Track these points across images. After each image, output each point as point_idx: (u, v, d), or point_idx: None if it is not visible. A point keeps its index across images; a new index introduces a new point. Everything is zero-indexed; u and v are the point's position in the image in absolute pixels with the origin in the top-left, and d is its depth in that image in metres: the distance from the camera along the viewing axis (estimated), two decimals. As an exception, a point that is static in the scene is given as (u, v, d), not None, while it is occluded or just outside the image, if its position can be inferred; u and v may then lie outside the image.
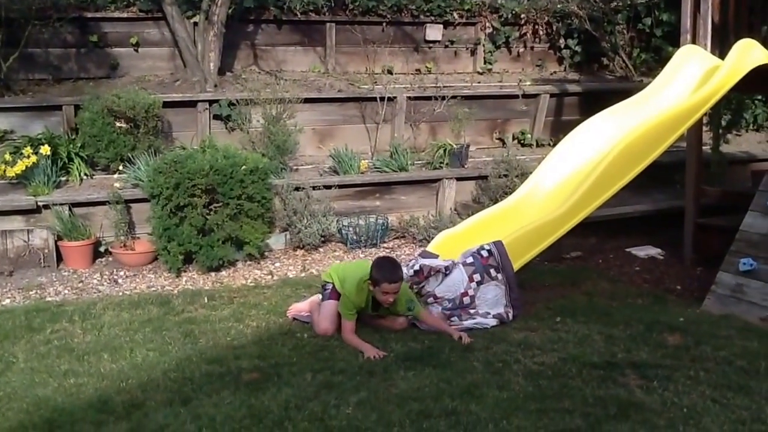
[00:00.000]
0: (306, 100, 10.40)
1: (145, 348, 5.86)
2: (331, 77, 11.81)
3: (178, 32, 10.75)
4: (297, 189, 8.95)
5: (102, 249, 8.45)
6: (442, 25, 12.76)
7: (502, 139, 11.84)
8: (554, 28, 13.44)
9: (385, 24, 12.39)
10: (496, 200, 8.90)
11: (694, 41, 8.30)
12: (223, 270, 8.09)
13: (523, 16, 13.16)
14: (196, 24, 10.94)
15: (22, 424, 4.65)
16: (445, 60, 12.96)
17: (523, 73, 13.14)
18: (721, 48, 8.15)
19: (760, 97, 12.36)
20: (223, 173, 7.88)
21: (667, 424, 4.51)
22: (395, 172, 9.89)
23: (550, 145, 11.30)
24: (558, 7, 13.17)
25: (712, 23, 8.22)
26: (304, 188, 8.98)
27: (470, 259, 6.62)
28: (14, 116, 9.53)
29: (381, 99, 10.80)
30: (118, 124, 9.02)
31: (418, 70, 12.70)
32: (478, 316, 6.38)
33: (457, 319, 6.35)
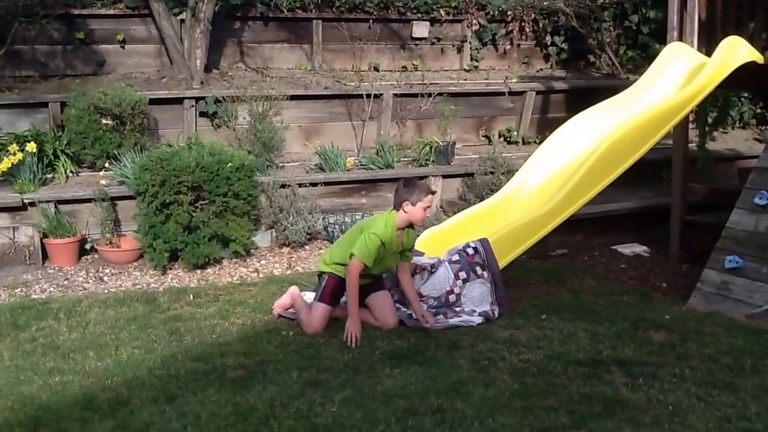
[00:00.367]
0: (292, 98, 10.41)
1: (131, 346, 5.85)
2: (317, 74, 11.80)
3: (164, 29, 10.73)
4: (283, 186, 8.94)
5: (88, 246, 8.42)
6: (428, 22, 12.76)
7: (488, 137, 11.85)
8: (541, 26, 13.45)
9: (371, 21, 12.40)
10: (482, 198, 8.91)
11: (681, 38, 8.31)
12: (209, 267, 8.08)
13: (509, 13, 13.16)
14: (182, 21, 10.92)
15: (7, 422, 4.64)
16: (431, 57, 12.96)
17: (510, 71, 13.14)
18: (707, 45, 8.16)
19: (746, 95, 12.39)
20: (209, 170, 7.86)
21: (653, 421, 4.51)
22: (381, 169, 9.90)
23: (536, 142, 11.30)
24: (545, 4, 13.18)
25: (699, 20, 8.23)
26: (290, 185, 8.97)
27: (456, 257, 6.62)
28: (0, 113, 9.47)
29: (367, 96, 10.80)
30: (104, 122, 9.00)
31: (405, 68, 12.70)
32: (464, 314, 6.38)
33: (443, 317, 6.35)
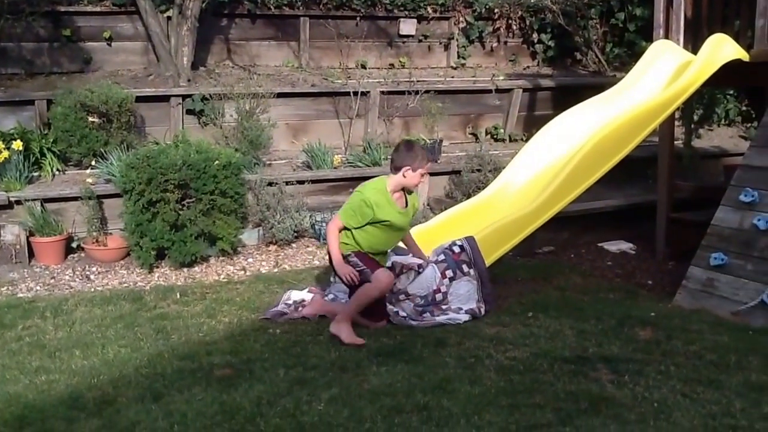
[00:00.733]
0: (279, 95, 10.42)
1: (117, 344, 5.85)
2: (304, 72, 11.80)
3: (151, 26, 10.70)
4: (270, 184, 8.93)
5: (74, 245, 8.39)
6: (415, 20, 12.80)
7: (475, 134, 11.87)
8: (527, 23, 13.51)
9: (359, 18, 12.41)
10: (469, 195, 8.92)
11: (667, 36, 8.33)
12: (196, 266, 8.06)
13: (496, 10, 13.22)
14: (169, 18, 10.91)
15: (-7, 421, 4.63)
16: (418, 54, 12.99)
17: (497, 68, 13.17)
18: (693, 42, 8.19)
19: (732, 92, 12.45)
20: (196, 168, 7.84)
21: (638, 418, 4.53)
22: (368, 167, 9.88)
23: (523, 139, 11.35)
24: (531, 1, 13.24)
25: (685, 18, 8.25)
26: (277, 183, 8.96)
27: (442, 256, 6.61)
28: (-14, 111, 9.46)
29: (354, 94, 10.80)
30: (90, 119, 8.98)
31: (392, 65, 12.71)
32: (451, 312, 6.39)
33: (429, 315, 6.36)
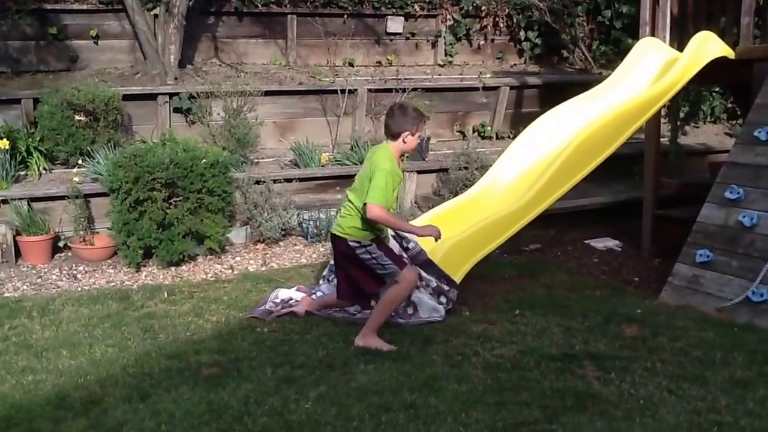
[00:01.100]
0: (267, 93, 10.41)
1: (104, 344, 5.84)
2: (292, 70, 11.80)
3: (138, 24, 10.69)
4: (258, 182, 8.93)
5: (61, 244, 8.36)
6: (403, 17, 12.81)
7: (462, 132, 11.88)
8: (515, 21, 13.52)
9: (346, 16, 12.42)
10: (457, 193, 8.92)
11: (653, 33, 8.36)
12: (184, 264, 8.05)
13: (483, 8, 13.23)
14: (156, 16, 10.89)
15: (-21, 422, 4.63)
16: (406, 52, 12.99)
17: (484, 66, 13.18)
18: (679, 40, 8.23)
19: (717, 90, 12.49)
20: (183, 167, 7.83)
21: (624, 415, 4.55)
22: (356, 165, 9.85)
23: (510, 137, 11.36)
24: (518, -1, 13.26)
25: (671, 15, 8.28)
26: (264, 182, 8.97)
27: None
28: (-28, 110, 9.43)
29: (342, 92, 10.81)
30: (77, 118, 8.97)
31: (380, 63, 12.72)
32: (431, 294, 6.39)
33: (412, 309, 6.31)
